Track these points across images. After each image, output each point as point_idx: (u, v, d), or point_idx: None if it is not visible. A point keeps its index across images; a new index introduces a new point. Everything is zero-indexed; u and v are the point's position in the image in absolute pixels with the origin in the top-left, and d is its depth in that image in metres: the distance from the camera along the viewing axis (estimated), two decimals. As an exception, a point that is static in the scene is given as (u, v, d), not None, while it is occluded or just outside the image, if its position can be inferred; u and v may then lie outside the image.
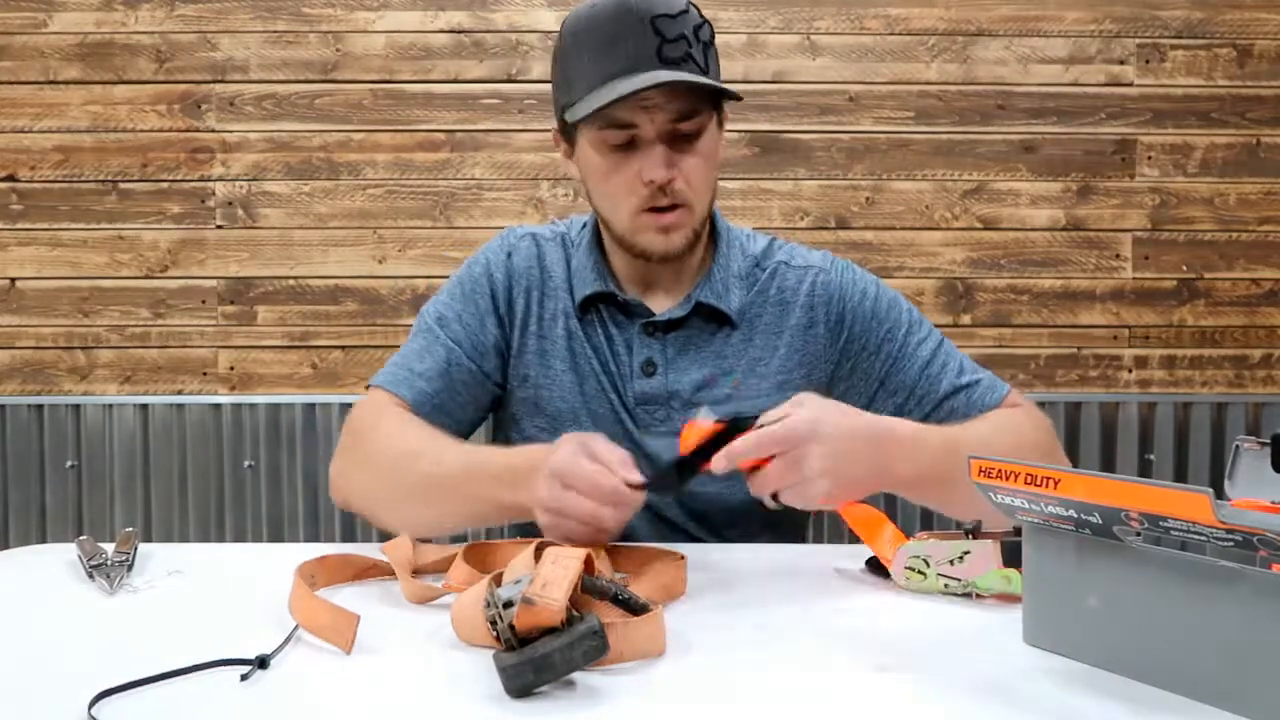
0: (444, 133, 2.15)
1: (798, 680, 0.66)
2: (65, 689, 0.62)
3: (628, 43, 0.98)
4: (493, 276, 1.13)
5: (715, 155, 1.07)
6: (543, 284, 1.13)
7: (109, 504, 2.15)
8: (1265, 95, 2.18)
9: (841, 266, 1.15)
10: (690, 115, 1.01)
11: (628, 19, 0.98)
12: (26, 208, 2.14)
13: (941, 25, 2.16)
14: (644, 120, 1.00)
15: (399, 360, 1.11)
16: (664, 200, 1.03)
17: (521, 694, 0.62)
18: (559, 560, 0.68)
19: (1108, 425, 2.18)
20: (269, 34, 2.14)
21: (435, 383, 1.08)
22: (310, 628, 0.69)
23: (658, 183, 1.01)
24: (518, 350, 1.12)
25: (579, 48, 1.01)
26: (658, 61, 0.98)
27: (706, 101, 1.03)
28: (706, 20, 1.03)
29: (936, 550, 0.82)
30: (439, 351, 1.10)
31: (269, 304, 2.16)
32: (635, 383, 1.09)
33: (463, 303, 1.12)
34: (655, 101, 0.99)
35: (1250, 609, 0.57)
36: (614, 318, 1.12)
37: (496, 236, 1.18)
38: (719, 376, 1.10)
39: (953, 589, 0.81)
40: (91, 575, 0.86)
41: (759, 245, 1.16)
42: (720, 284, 1.11)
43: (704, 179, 1.05)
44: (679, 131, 1.02)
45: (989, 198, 2.18)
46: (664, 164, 1.01)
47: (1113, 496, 0.61)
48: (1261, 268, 2.20)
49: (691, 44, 1.00)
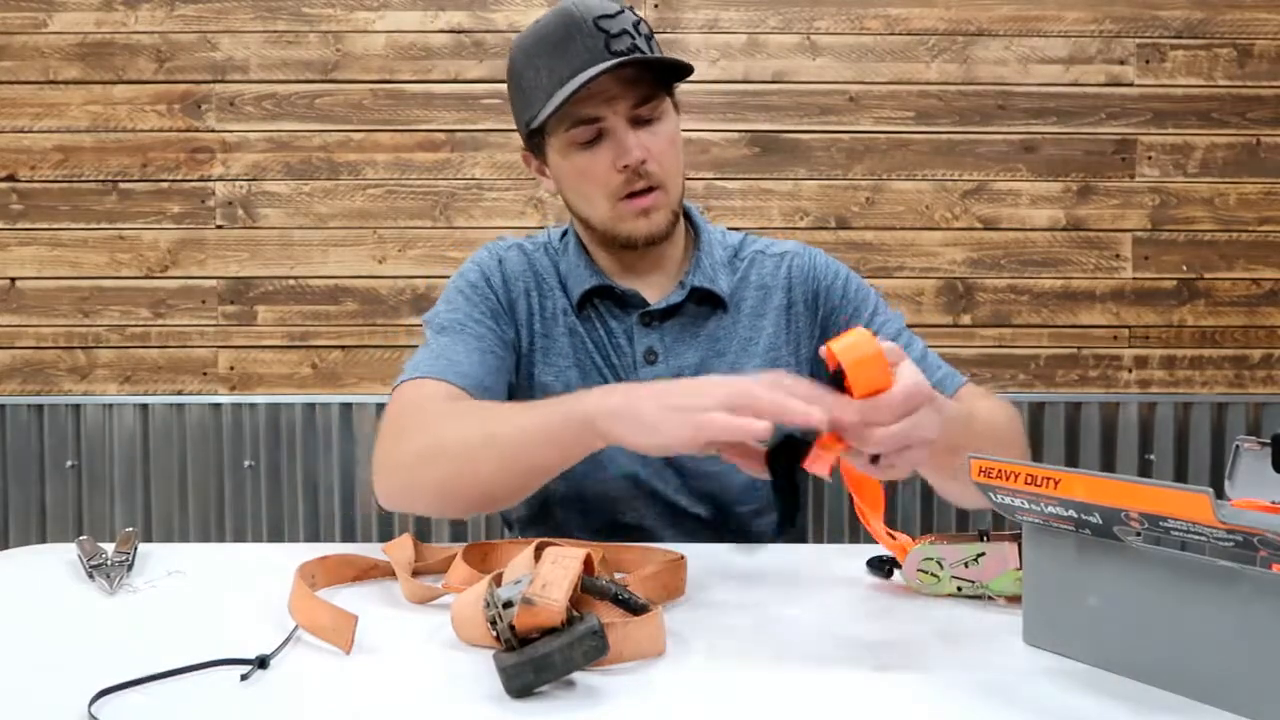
0: (444, 133, 2.15)
1: (798, 680, 0.66)
2: (65, 688, 0.62)
3: (575, 43, 1.03)
4: (490, 281, 1.14)
5: (677, 138, 1.11)
6: (538, 286, 1.15)
7: (109, 504, 2.15)
8: (1265, 95, 2.18)
9: (813, 251, 1.21)
10: (649, 99, 1.06)
11: (571, 24, 1.04)
12: (26, 208, 2.14)
13: (941, 25, 2.16)
14: (607, 111, 1.05)
15: (428, 355, 1.05)
16: (640, 183, 1.07)
17: (521, 694, 0.62)
18: (559, 560, 0.68)
19: (1108, 425, 2.18)
20: (269, 34, 2.14)
21: (478, 369, 1.04)
22: (310, 628, 0.69)
23: (632, 166, 1.05)
24: (526, 350, 1.14)
25: (531, 62, 1.07)
26: (608, 54, 1.02)
27: (663, 85, 1.08)
28: (642, 18, 1.09)
29: (950, 553, 0.81)
30: (470, 342, 1.07)
31: (269, 304, 2.16)
32: (640, 372, 1.12)
33: (470, 305, 1.12)
34: (615, 91, 1.04)
35: (1250, 609, 0.57)
36: (611, 311, 1.14)
37: (481, 249, 1.19)
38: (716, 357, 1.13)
39: (966, 591, 0.81)
40: (91, 575, 0.86)
41: (734, 238, 1.22)
42: (709, 269, 1.15)
43: (673, 159, 1.09)
44: (641, 117, 1.06)
45: (989, 198, 2.18)
46: (634, 146, 1.05)
47: (1113, 496, 0.61)
48: (1261, 268, 2.20)
49: (635, 36, 1.05)
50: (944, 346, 2.14)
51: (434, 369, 1.03)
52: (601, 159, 1.06)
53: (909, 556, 0.83)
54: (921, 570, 0.82)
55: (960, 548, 0.81)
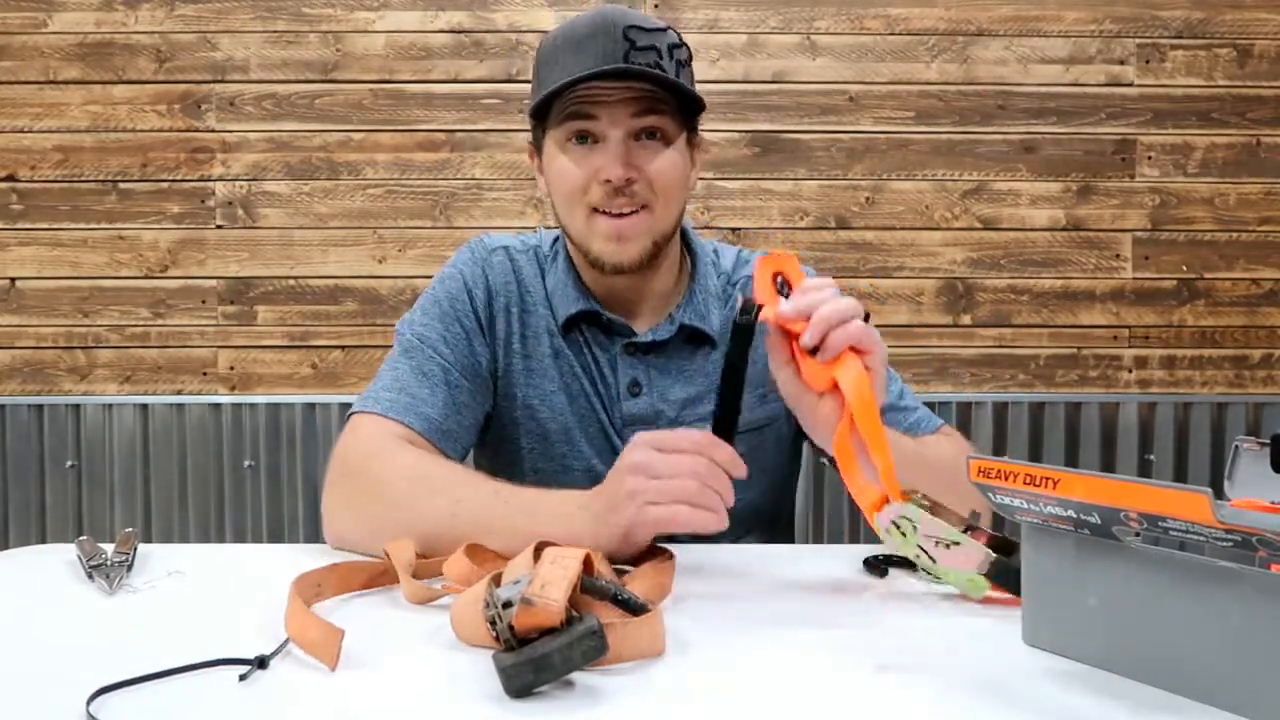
0: (444, 133, 2.15)
1: (798, 680, 0.66)
2: (64, 688, 0.62)
3: (598, 42, 0.99)
4: (472, 294, 1.09)
5: (684, 171, 1.05)
6: (522, 300, 1.11)
7: (109, 504, 2.15)
8: (1265, 95, 2.18)
9: None
10: (652, 113, 1.01)
11: (601, 25, 1.00)
12: (26, 208, 2.15)
13: (941, 25, 2.16)
14: (603, 115, 1.00)
15: (392, 384, 1.03)
16: (620, 201, 1.01)
17: (521, 694, 0.62)
18: (558, 560, 0.68)
19: (1108, 425, 2.18)
20: (269, 34, 2.14)
21: (440, 408, 1.02)
22: (300, 641, 0.69)
23: (614, 182, 1.00)
24: (504, 369, 1.10)
25: (554, 53, 1.03)
26: (623, 63, 0.99)
27: (674, 109, 1.03)
28: (685, 44, 1.05)
29: (930, 525, 0.80)
30: (435, 373, 1.04)
31: (269, 304, 2.16)
32: (623, 404, 1.09)
33: (444, 322, 1.07)
34: (617, 97, 1.00)
35: (1250, 609, 0.57)
36: (596, 337, 1.10)
37: (464, 248, 1.13)
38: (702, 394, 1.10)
39: (920, 563, 0.80)
40: (91, 575, 0.86)
41: (728, 260, 1.17)
42: (701, 304, 1.11)
43: (669, 185, 1.03)
44: (643, 130, 1.01)
45: (989, 198, 2.18)
46: (621, 161, 1.00)
47: (1112, 496, 0.61)
48: (1261, 268, 2.20)
49: (663, 56, 1.00)
50: (944, 346, 2.14)
51: (394, 407, 1.00)
52: (587, 164, 1.01)
53: (889, 507, 0.80)
54: (895, 523, 0.80)
55: (941, 525, 0.79)
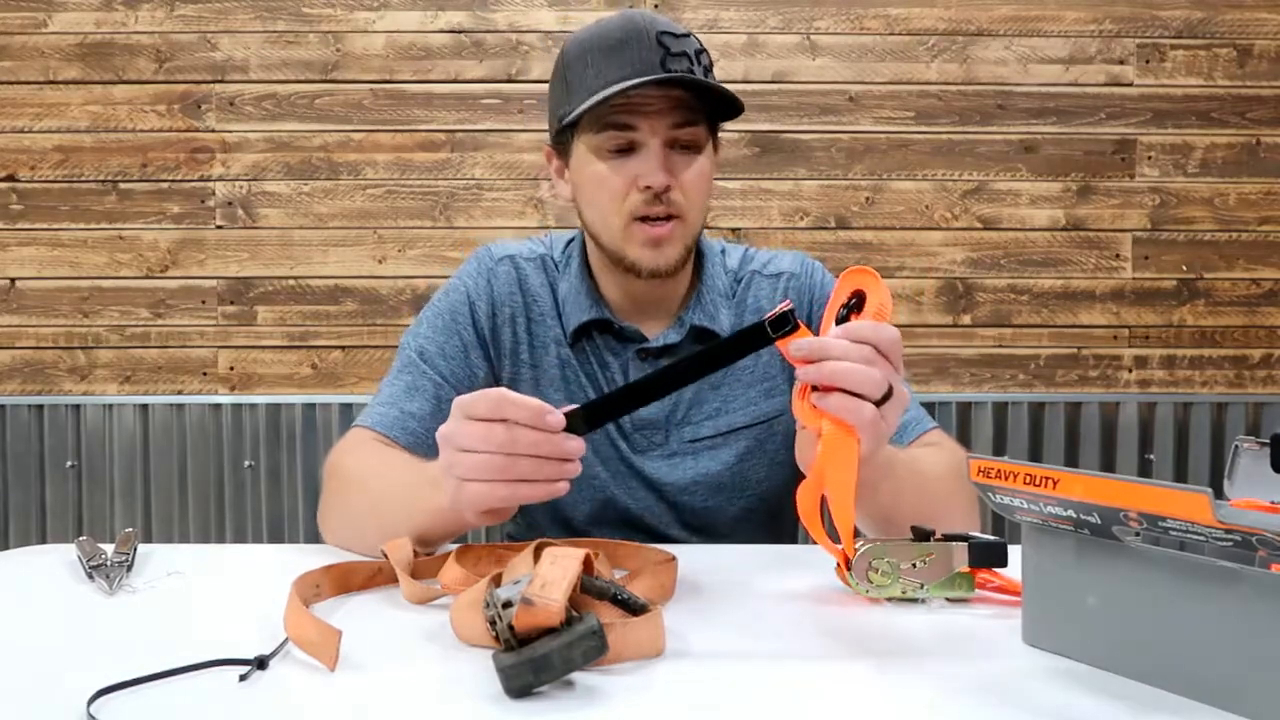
0: (444, 133, 2.15)
1: (797, 681, 0.66)
2: (64, 688, 0.62)
3: (633, 49, 0.99)
4: (475, 306, 1.10)
5: (710, 177, 1.06)
6: (527, 310, 1.11)
7: (109, 504, 2.15)
8: (1265, 95, 2.18)
9: (811, 269, 1.16)
10: (690, 123, 1.02)
11: (634, 31, 1.00)
12: (26, 208, 2.15)
13: (941, 25, 2.16)
14: (643, 125, 1.00)
15: (386, 399, 1.06)
16: (658, 209, 1.02)
17: (521, 694, 0.62)
18: (558, 560, 0.68)
19: (1108, 425, 2.18)
20: (269, 34, 2.14)
21: (427, 422, 1.03)
22: (299, 642, 0.69)
23: (655, 189, 1.00)
24: (509, 380, 1.10)
25: (584, 57, 1.02)
26: (662, 69, 0.98)
27: (705, 115, 1.03)
28: (705, 49, 1.05)
29: (901, 553, 0.79)
30: (427, 388, 1.06)
31: (269, 304, 2.16)
32: None
33: (445, 335, 1.09)
34: (657, 106, 1.00)
35: (1250, 609, 0.57)
36: (608, 344, 1.11)
37: (471, 258, 1.14)
38: (706, 391, 1.10)
39: (909, 593, 0.80)
40: (91, 575, 0.86)
41: (734, 259, 1.17)
42: (710, 305, 1.11)
43: (700, 194, 1.04)
44: (678, 140, 1.02)
45: (989, 198, 2.18)
46: (663, 169, 1.00)
47: (1112, 496, 0.61)
48: (1261, 268, 2.20)
49: (693, 63, 1.00)
50: (944, 346, 2.14)
51: (383, 421, 1.04)
52: (625, 172, 1.01)
53: (858, 557, 0.80)
54: (872, 571, 0.80)
55: (908, 547, 0.80)
